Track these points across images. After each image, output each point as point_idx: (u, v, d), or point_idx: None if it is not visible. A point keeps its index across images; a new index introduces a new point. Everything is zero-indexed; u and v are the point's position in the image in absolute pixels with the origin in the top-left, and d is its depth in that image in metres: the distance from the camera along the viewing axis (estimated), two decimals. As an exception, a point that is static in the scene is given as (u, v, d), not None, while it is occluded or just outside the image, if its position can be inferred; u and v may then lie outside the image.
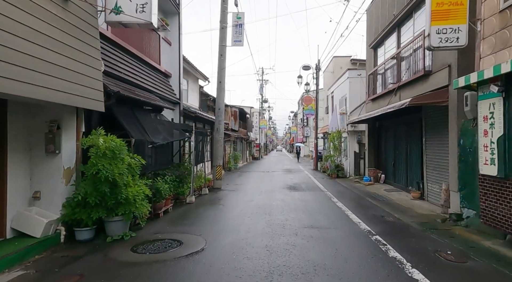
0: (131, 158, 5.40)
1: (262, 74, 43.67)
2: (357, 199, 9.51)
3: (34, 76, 3.87)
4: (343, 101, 17.18)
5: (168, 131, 8.01)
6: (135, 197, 5.14)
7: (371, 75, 12.85)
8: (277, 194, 10.11)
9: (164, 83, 10.14)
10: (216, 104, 12.01)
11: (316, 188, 11.82)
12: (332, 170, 16.42)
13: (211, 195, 10.13)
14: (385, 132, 12.72)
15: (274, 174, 17.84)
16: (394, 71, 10.47)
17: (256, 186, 12.35)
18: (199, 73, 15.91)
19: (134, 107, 6.78)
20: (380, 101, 11.78)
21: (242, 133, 28.60)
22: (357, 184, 13.25)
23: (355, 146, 16.16)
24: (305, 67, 22.12)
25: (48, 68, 4.13)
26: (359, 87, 15.65)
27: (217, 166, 11.72)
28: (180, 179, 8.69)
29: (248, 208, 7.72)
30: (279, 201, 8.85)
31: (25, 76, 3.74)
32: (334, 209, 7.74)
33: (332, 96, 20.67)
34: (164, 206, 7.03)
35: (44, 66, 4.06)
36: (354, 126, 15.74)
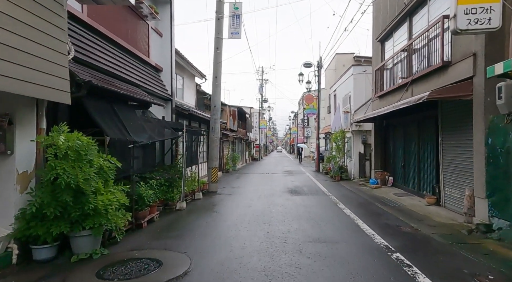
0: (104, 160, 4.53)
1: (262, 74, 42.91)
2: (365, 204, 8.64)
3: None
4: (346, 100, 16.31)
5: (156, 129, 7.15)
6: (107, 206, 4.27)
7: (378, 70, 11.99)
8: (278, 199, 9.24)
9: (154, 77, 9.28)
10: (212, 101, 11.15)
11: (319, 192, 10.94)
12: (335, 172, 15.54)
13: (205, 199, 9.25)
14: (393, 131, 11.85)
15: (274, 176, 16.96)
16: (404, 65, 9.61)
17: (255, 189, 11.48)
18: (195, 70, 15.04)
19: (114, 102, 5.92)
20: (389, 98, 10.91)
21: (241, 133, 27.74)
22: (362, 187, 12.37)
23: (360, 146, 15.28)
24: (307, 64, 21.27)
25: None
26: (364, 85, 14.79)
27: (212, 167, 10.85)
28: (170, 183, 7.82)
29: (245, 216, 6.84)
30: (279, 207, 7.97)
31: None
32: (341, 217, 6.86)
33: (334, 94, 19.81)
34: (148, 214, 6.15)
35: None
36: (359, 125, 14.87)
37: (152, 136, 6.58)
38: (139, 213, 5.80)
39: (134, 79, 7.56)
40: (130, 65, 7.68)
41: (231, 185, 12.87)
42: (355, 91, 15.00)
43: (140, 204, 5.82)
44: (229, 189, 11.59)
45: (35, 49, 3.87)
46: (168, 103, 10.04)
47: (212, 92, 11.16)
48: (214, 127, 11.00)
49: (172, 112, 10.06)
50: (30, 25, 3.82)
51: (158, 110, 9.42)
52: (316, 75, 21.14)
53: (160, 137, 7.00)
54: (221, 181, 14.34)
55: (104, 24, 6.55)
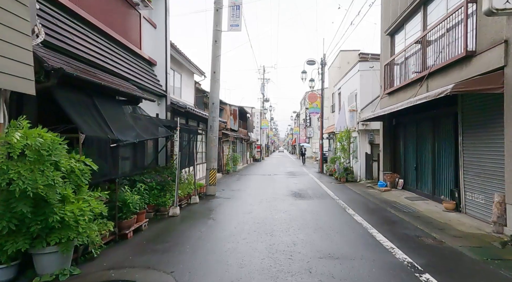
0: (77, 161, 3.81)
1: (263, 73, 42.19)
2: (377, 210, 7.88)
3: None
4: (352, 98, 15.55)
5: (146, 127, 6.43)
6: (78, 217, 3.55)
7: (387, 66, 11.23)
8: (281, 203, 8.49)
9: (146, 71, 8.57)
10: (210, 98, 10.43)
11: (325, 195, 10.19)
12: (340, 174, 14.78)
13: (202, 204, 8.52)
14: (404, 130, 11.09)
15: (276, 177, 16.22)
16: (418, 58, 8.85)
17: (256, 192, 10.74)
18: (194, 66, 14.33)
19: (96, 96, 5.20)
20: (400, 94, 10.15)
21: (242, 133, 27.02)
22: (370, 190, 11.61)
23: (367, 146, 14.52)
24: (310, 62, 20.53)
25: None
26: (371, 81, 14.03)
27: (211, 169, 10.12)
28: (162, 186, 7.10)
29: (245, 224, 6.10)
30: (283, 213, 7.23)
31: None
32: (353, 226, 6.11)
33: (339, 93, 19.05)
34: (135, 222, 5.43)
35: None
36: (366, 124, 14.12)
37: (141, 135, 5.85)
38: (123, 222, 5.07)
39: (122, 71, 6.85)
40: (118, 56, 6.97)
41: (231, 187, 12.14)
42: (362, 88, 14.25)
43: (124, 212, 5.10)
44: (228, 192, 10.85)
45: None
46: (163, 100, 9.33)
47: (210, 89, 10.44)
48: (212, 126, 10.27)
49: (167, 109, 9.35)
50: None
51: (151, 107, 8.70)
52: (319, 73, 20.40)
53: (150, 136, 6.28)
54: (221, 183, 13.61)
55: (86, 9, 5.84)
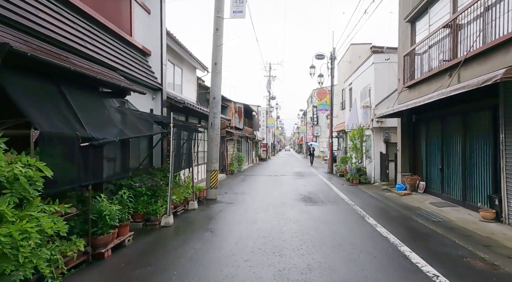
0: (26, 166, 2.87)
1: (269, 70, 41.16)
2: (401, 218, 6.83)
3: None
4: (366, 93, 14.45)
5: (132, 124, 5.48)
6: (20, 242, 2.61)
7: (407, 56, 10.14)
8: (289, 210, 7.49)
9: (139, 62, 7.63)
10: (211, 92, 9.46)
11: (339, 200, 9.16)
12: (353, 175, 13.71)
13: (201, 210, 7.57)
14: (426, 127, 9.98)
15: (283, 178, 15.20)
16: (446, 45, 7.77)
17: (262, 196, 9.75)
18: (196, 60, 13.37)
19: (65, 84, 4.26)
20: (422, 87, 9.07)
21: (247, 132, 26.06)
22: (388, 194, 10.54)
23: (381, 145, 13.43)
24: (319, 56, 19.44)
25: None
26: (387, 75, 12.92)
27: (211, 170, 9.16)
28: (153, 192, 6.15)
29: (248, 239, 5.12)
30: (292, 223, 6.23)
31: None
32: (378, 241, 5.08)
33: (350, 88, 17.94)
34: (115, 238, 4.49)
35: None
36: (381, 121, 13.03)
37: (124, 133, 4.90)
38: (98, 239, 4.13)
39: (107, 59, 5.92)
40: (103, 42, 6.03)
41: (234, 190, 11.17)
42: (377, 82, 13.15)
43: (100, 226, 4.15)
44: (231, 195, 9.89)
45: None
46: (158, 94, 8.40)
47: (211, 82, 9.47)
48: (213, 123, 9.31)
49: (162, 105, 8.41)
50: None
51: (144, 102, 7.79)
52: (329, 67, 19.30)
53: (136, 133, 5.33)
54: (224, 184, 12.66)
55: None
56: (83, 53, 5.22)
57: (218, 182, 9.37)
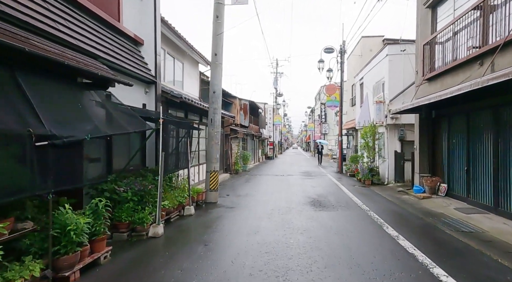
0: None
1: (276, 66, 40.23)
2: (425, 228, 5.95)
3: None
4: (379, 87, 13.49)
5: (111, 119, 4.71)
6: None
7: (427, 45, 9.18)
8: (297, 217, 6.66)
9: (129, 51, 6.88)
10: (210, 85, 8.67)
11: (351, 204, 8.29)
12: (365, 175, 12.79)
13: (198, 216, 6.79)
14: (448, 124, 9.02)
15: (290, 178, 14.36)
16: (476, 30, 6.81)
17: (266, 199, 8.94)
18: (198, 54, 12.59)
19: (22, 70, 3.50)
20: (446, 79, 8.12)
21: (253, 130, 25.26)
22: (405, 196, 9.63)
23: (396, 143, 12.48)
24: (328, 49, 18.48)
25: None
26: (402, 68, 11.96)
27: (211, 171, 8.38)
28: (141, 197, 5.40)
29: (247, 256, 4.32)
30: (300, 233, 5.41)
31: None
32: (404, 260, 4.22)
33: (361, 83, 16.96)
34: (86, 256, 3.73)
35: None
36: (396, 118, 12.09)
37: (100, 130, 4.14)
38: (61, 260, 3.37)
39: (86, 45, 5.15)
40: (83, 26, 5.27)
41: (237, 191, 10.38)
42: (391, 76, 12.18)
43: (63, 244, 3.39)
44: (233, 198, 9.10)
45: None
46: (152, 88, 7.64)
47: (211, 74, 8.68)
48: (213, 119, 8.52)
49: (157, 99, 7.65)
50: None
51: (136, 96, 7.04)
52: (338, 62, 18.34)
53: (116, 130, 4.57)
54: (226, 185, 11.89)
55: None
56: (55, 36, 4.47)
57: (218, 183, 8.59)
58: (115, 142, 6.21)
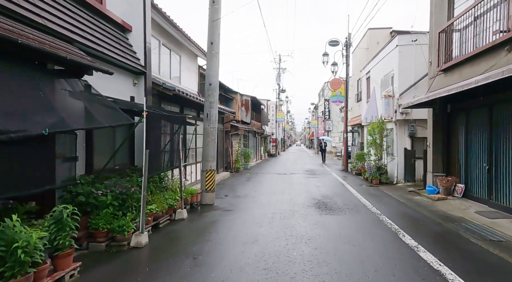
0: None
1: (279, 62, 39.43)
2: (447, 237, 5.23)
3: None
4: (387, 81, 12.72)
5: (86, 112, 4.03)
6: None
7: (443, 33, 8.40)
8: (300, 222, 5.97)
9: (114, 37, 6.19)
10: (206, 77, 7.97)
11: (360, 206, 7.58)
12: (372, 174, 12.06)
13: (190, 221, 6.12)
14: (466, 118, 8.26)
15: (294, 177, 13.66)
16: (503, 12, 6.04)
17: (267, 200, 8.25)
18: (197, 47, 11.87)
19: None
20: (465, 69, 7.36)
21: (255, 126, 24.56)
22: (417, 197, 8.90)
23: (406, 140, 11.72)
24: (332, 42, 17.69)
25: None
26: (413, 59, 11.17)
27: (207, 170, 7.70)
28: (122, 201, 4.73)
29: (241, 274, 3.63)
30: (305, 243, 4.72)
31: None
32: (429, 278, 3.52)
33: (368, 77, 16.17)
34: (44, 277, 3.07)
35: None
36: (406, 113, 11.32)
37: (66, 123, 3.46)
38: (7, 284, 2.71)
39: (57, 26, 4.46)
40: (56, 5, 4.59)
41: (237, 192, 9.70)
42: (401, 68, 11.40)
43: (9, 265, 2.72)
44: (231, 199, 8.42)
45: None
46: (141, 79, 6.95)
47: (207, 65, 7.98)
48: (209, 114, 7.83)
49: (146, 92, 6.96)
50: None
51: (122, 88, 6.37)
52: (343, 55, 17.54)
53: (87, 124, 3.90)
54: (226, 184, 11.23)
55: None
56: (15, 13, 3.79)
57: (215, 184, 7.91)
58: (97, 138, 5.54)
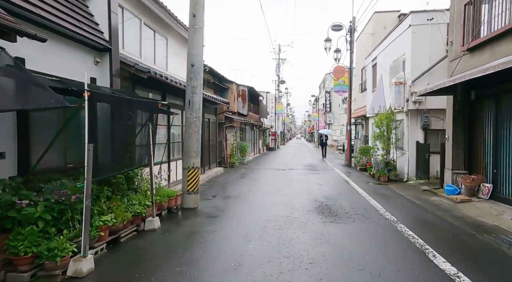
0: None
1: (278, 52, 37.96)
2: (492, 256, 4.03)
3: None
4: (398, 67, 11.41)
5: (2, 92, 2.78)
6: None
7: (470, 5, 7.11)
8: (299, 235, 4.76)
9: (67, 3, 4.91)
10: (188, 57, 6.69)
11: (371, 211, 6.36)
12: (380, 170, 10.84)
13: (162, 234, 4.91)
14: (495, 106, 7.00)
15: (293, 173, 12.44)
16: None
17: (261, 203, 7.05)
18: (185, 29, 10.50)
19: None
20: (500, 46, 6.09)
21: (253, 119, 23.30)
22: (434, 198, 7.71)
23: (418, 133, 10.49)
24: (335, 27, 16.31)
25: None
26: (428, 41, 9.88)
27: (189, 168, 6.48)
28: (59, 213, 3.51)
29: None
30: (304, 269, 3.50)
31: None
32: None
33: (374, 64, 14.85)
34: None
35: None
36: (419, 102, 10.06)
37: None
38: None
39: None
40: None
41: (227, 191, 8.49)
42: (415, 51, 10.08)
43: None
44: (220, 201, 7.21)
45: None
46: (105, 57, 5.68)
47: (189, 41, 6.69)
48: (191, 101, 6.56)
49: (112, 73, 5.69)
50: None
51: (77, 65, 5.10)
52: (347, 41, 16.16)
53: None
54: (217, 182, 10.03)
55: None
56: None
57: (199, 183, 6.69)
58: (38, 127, 4.31)
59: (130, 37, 7.99)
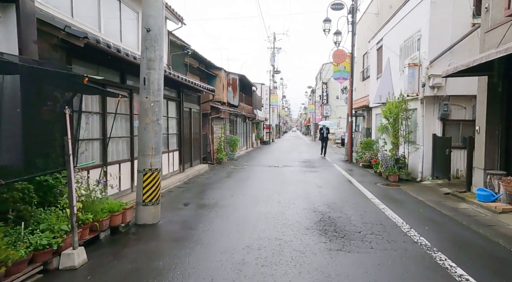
0: None
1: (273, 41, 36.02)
2: None
3: None
4: (411, 46, 9.69)
5: None
6: None
7: (517, -44, 5.38)
8: (293, 279, 3.11)
9: None
10: (143, 18, 4.91)
11: (390, 228, 4.71)
12: (389, 168, 9.21)
13: (84, 275, 3.21)
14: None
15: (287, 172, 10.78)
16: None
17: (244, 216, 5.37)
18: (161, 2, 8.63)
19: None
20: None
21: (245, 110, 21.56)
22: (463, 206, 6.11)
23: (436, 124, 8.87)
24: (335, 5, 14.51)
25: None
26: (450, 13, 8.19)
27: (145, 171, 4.76)
28: None
29: None
30: None
31: None
32: None
33: (379, 47, 13.13)
34: None
35: None
36: (438, 87, 8.40)
37: None
38: None
39: None
40: None
41: (206, 196, 6.80)
42: (433, 26, 8.36)
43: None
44: (192, 212, 5.53)
45: None
46: (9, 11, 3.89)
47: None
48: (147, 79, 4.80)
49: (23, 34, 3.91)
50: None
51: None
52: (349, 21, 14.39)
53: None
54: (196, 184, 8.33)
55: None
56: None
57: (160, 192, 4.97)
58: None
59: (84, 3, 6.20)
